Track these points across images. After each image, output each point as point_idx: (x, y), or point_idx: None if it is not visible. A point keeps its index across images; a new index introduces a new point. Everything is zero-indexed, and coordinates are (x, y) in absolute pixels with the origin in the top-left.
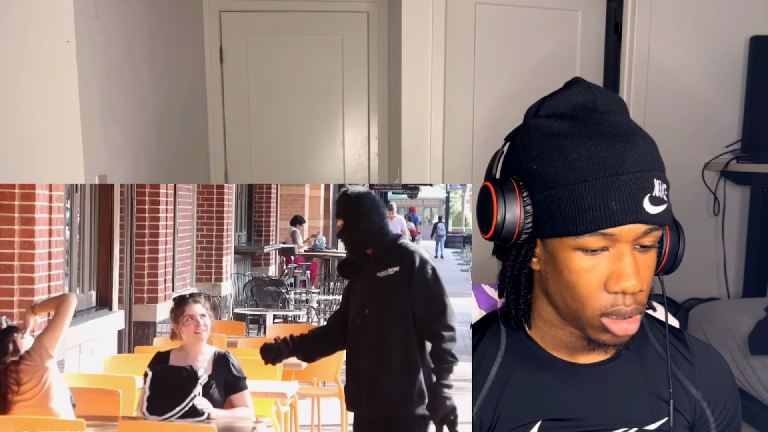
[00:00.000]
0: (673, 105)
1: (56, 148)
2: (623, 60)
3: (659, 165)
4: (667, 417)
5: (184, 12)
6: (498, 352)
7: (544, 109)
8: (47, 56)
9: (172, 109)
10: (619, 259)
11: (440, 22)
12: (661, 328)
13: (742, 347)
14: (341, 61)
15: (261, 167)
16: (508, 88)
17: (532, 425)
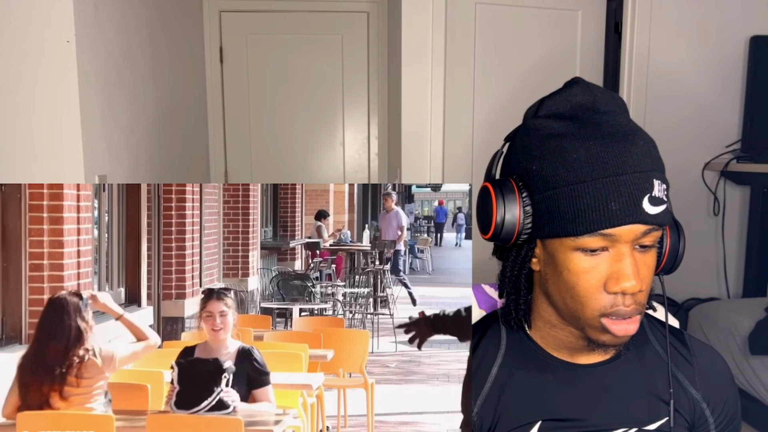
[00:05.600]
0: (673, 105)
1: (56, 148)
2: (623, 60)
3: (659, 165)
4: (667, 417)
5: (184, 12)
6: (498, 353)
7: (543, 109)
8: (47, 56)
9: (172, 109)
10: (619, 259)
11: (440, 22)
12: (661, 328)
13: (742, 347)
14: (341, 61)
15: (261, 167)
16: (508, 88)
17: (532, 425)
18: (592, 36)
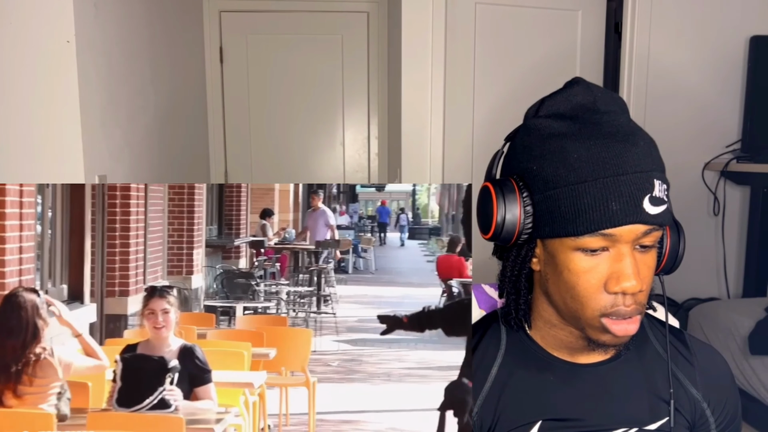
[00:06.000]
0: (673, 105)
1: (56, 148)
2: (623, 60)
3: (659, 165)
4: (667, 417)
5: (184, 12)
6: (498, 353)
7: (544, 109)
8: (47, 56)
9: (172, 109)
10: (619, 259)
11: (440, 22)
12: (662, 328)
13: (742, 347)
14: (341, 61)
15: (261, 167)
16: (508, 88)
17: (533, 425)
18: (592, 36)
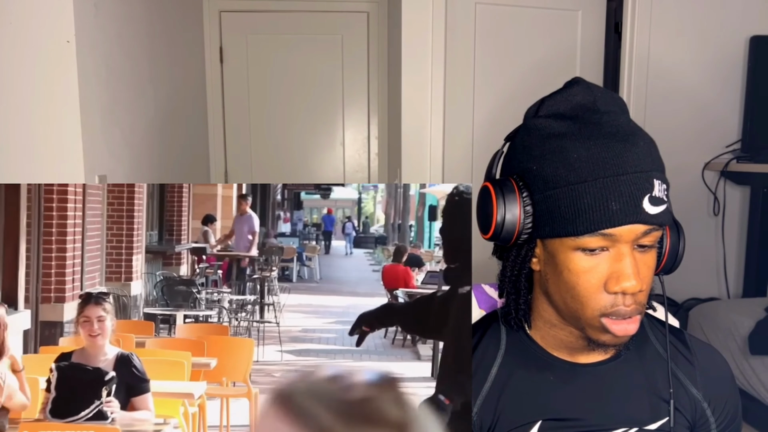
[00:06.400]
0: (672, 105)
1: (56, 148)
2: (623, 60)
3: (659, 165)
4: (668, 417)
5: (184, 12)
6: (498, 352)
7: (544, 109)
8: (47, 56)
9: (172, 109)
10: (619, 259)
11: (440, 22)
12: (662, 327)
13: (742, 347)
14: (341, 61)
15: (261, 167)
16: (508, 88)
17: (533, 425)
18: (592, 36)
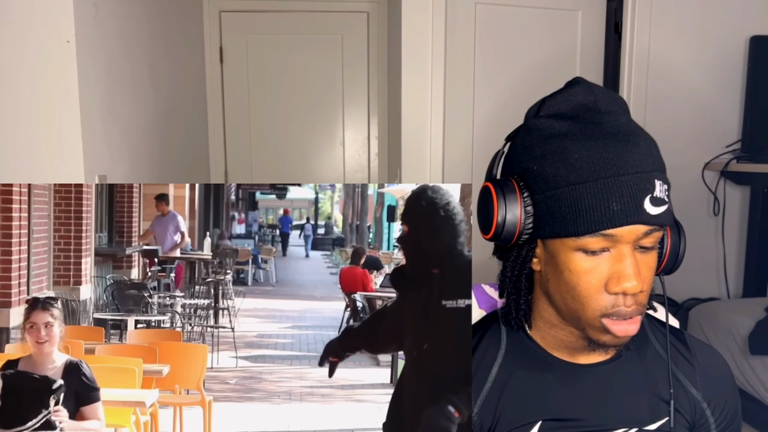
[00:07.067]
0: (673, 105)
1: (56, 148)
2: (623, 60)
3: (660, 165)
4: (668, 417)
5: (184, 12)
6: (498, 353)
7: (544, 109)
8: (47, 56)
9: (172, 109)
10: (620, 260)
11: (440, 22)
12: (662, 328)
13: (742, 347)
14: (341, 61)
15: (261, 167)
16: (508, 88)
17: (533, 425)
18: (592, 36)
